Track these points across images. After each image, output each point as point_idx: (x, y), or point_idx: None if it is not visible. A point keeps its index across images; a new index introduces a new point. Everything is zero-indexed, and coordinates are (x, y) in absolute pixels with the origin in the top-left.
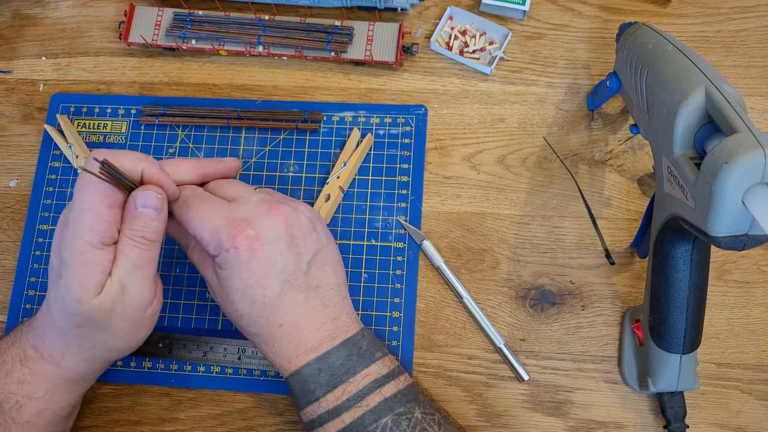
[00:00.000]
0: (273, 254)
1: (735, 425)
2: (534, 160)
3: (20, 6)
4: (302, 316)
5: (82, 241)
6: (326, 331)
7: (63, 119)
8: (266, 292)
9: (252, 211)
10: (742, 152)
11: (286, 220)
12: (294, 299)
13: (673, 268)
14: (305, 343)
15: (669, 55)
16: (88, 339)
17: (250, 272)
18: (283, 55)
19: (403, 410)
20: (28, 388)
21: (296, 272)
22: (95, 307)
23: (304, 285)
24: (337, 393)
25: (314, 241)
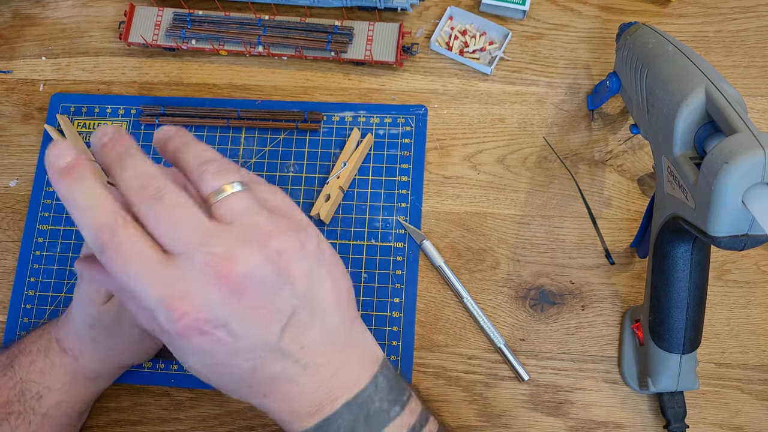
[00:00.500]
0: (229, 337)
1: (735, 425)
2: (534, 160)
3: (20, 6)
4: (287, 384)
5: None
6: (324, 393)
7: (63, 119)
8: (234, 371)
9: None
10: (742, 152)
11: (241, 290)
12: (272, 372)
13: (673, 268)
14: (299, 409)
15: (669, 55)
16: (100, 342)
17: (208, 355)
18: (283, 55)
19: None
20: (48, 379)
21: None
22: (104, 311)
23: (280, 355)
24: None
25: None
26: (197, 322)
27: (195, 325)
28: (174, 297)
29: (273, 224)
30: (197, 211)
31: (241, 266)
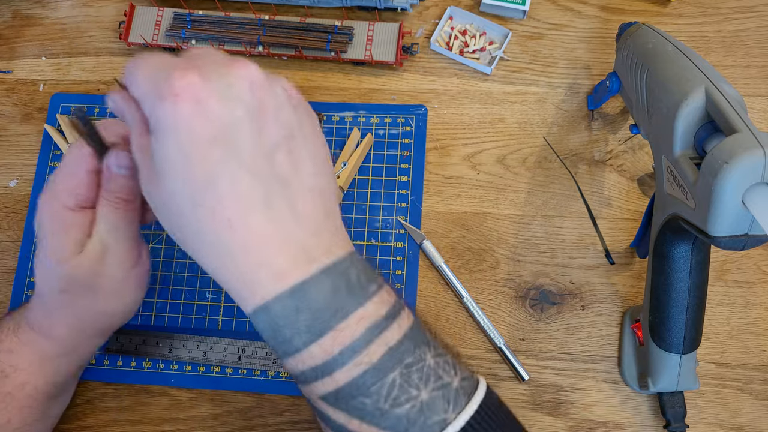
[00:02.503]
0: (224, 115)
1: (735, 425)
2: (534, 160)
3: (20, 6)
4: (262, 218)
5: (60, 204)
6: (299, 249)
7: (63, 119)
8: (211, 168)
9: (208, 60)
10: (742, 152)
11: (253, 80)
12: (248, 187)
13: (673, 268)
14: (270, 261)
15: (669, 55)
16: (71, 305)
17: (191, 134)
18: (283, 55)
19: (412, 360)
20: (15, 358)
21: (255, 149)
22: (77, 265)
23: (265, 172)
24: (325, 344)
25: (287, 119)
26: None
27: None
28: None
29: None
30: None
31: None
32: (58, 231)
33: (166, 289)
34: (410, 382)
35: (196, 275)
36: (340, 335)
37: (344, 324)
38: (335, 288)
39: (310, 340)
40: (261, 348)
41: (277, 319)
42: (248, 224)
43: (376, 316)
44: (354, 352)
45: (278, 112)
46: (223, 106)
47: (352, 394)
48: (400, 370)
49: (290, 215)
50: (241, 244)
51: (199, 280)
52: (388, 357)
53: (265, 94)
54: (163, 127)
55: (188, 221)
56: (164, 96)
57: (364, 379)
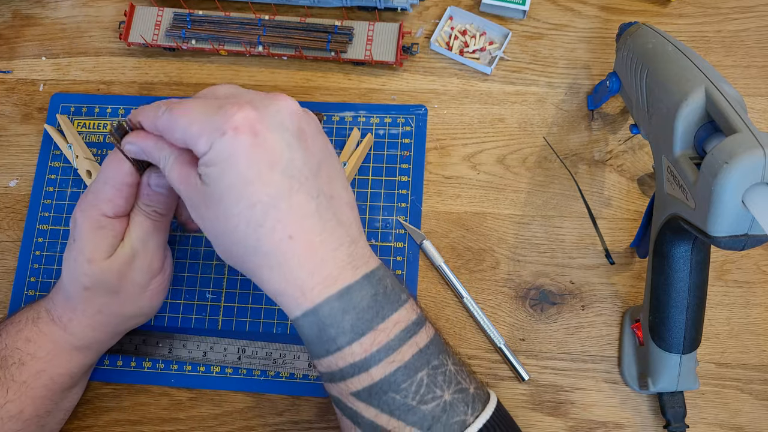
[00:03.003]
0: (278, 143)
1: (735, 425)
2: (534, 160)
3: (20, 6)
4: (316, 230)
5: (98, 211)
6: (345, 257)
7: (63, 119)
8: (271, 190)
9: (252, 96)
10: (742, 152)
11: (292, 110)
12: (305, 204)
13: (673, 268)
14: (322, 268)
15: (669, 55)
16: (93, 303)
17: (251, 163)
18: (283, 55)
19: (438, 363)
20: (33, 347)
21: (305, 170)
22: (106, 268)
23: (315, 189)
24: (366, 343)
25: (323, 144)
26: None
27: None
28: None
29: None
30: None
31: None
32: (93, 234)
33: None
34: (436, 382)
35: (196, 275)
36: (379, 335)
37: (383, 325)
38: (375, 293)
39: (352, 339)
40: (261, 348)
41: (325, 320)
42: (306, 238)
43: (408, 320)
44: (390, 351)
45: (314, 137)
46: (276, 135)
47: (384, 389)
48: (427, 371)
49: (338, 226)
50: (299, 255)
51: (199, 280)
52: (418, 357)
53: (302, 121)
54: (225, 158)
55: (245, 239)
56: (224, 130)
57: (396, 376)
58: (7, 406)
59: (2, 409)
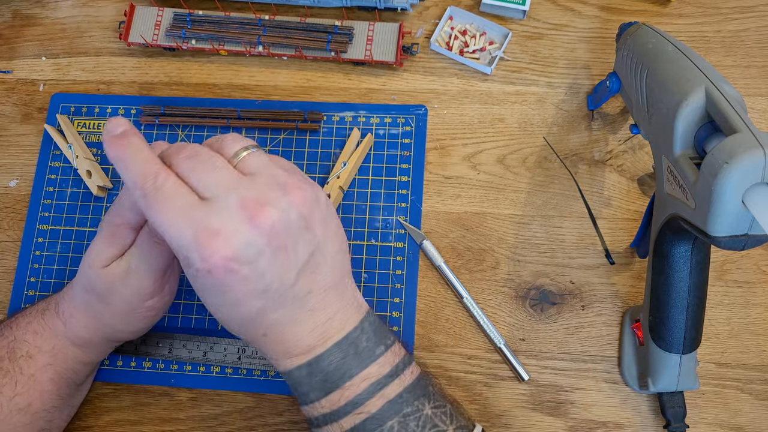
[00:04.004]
0: (253, 275)
1: (735, 425)
2: (534, 160)
3: (20, 6)
4: (288, 326)
5: (119, 216)
6: (317, 335)
7: (63, 119)
8: (245, 311)
9: (227, 219)
10: (742, 152)
11: (271, 230)
12: (278, 314)
13: (673, 268)
14: (292, 349)
15: (669, 55)
16: (91, 306)
17: (226, 294)
18: (283, 55)
19: (411, 410)
20: (39, 339)
21: (281, 288)
22: (100, 276)
23: (290, 299)
24: (333, 398)
25: (307, 243)
26: (226, 259)
27: (223, 263)
28: (207, 234)
29: (289, 177)
30: (228, 164)
31: (271, 208)
32: (105, 239)
33: None
34: (407, 428)
35: None
36: (346, 392)
37: (350, 383)
38: (344, 355)
39: (321, 396)
40: None
41: (296, 380)
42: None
43: (378, 375)
44: (356, 405)
45: (297, 244)
46: (251, 268)
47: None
48: (398, 419)
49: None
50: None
51: None
52: (387, 408)
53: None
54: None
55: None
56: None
57: (365, 425)
58: (16, 399)
59: (11, 402)
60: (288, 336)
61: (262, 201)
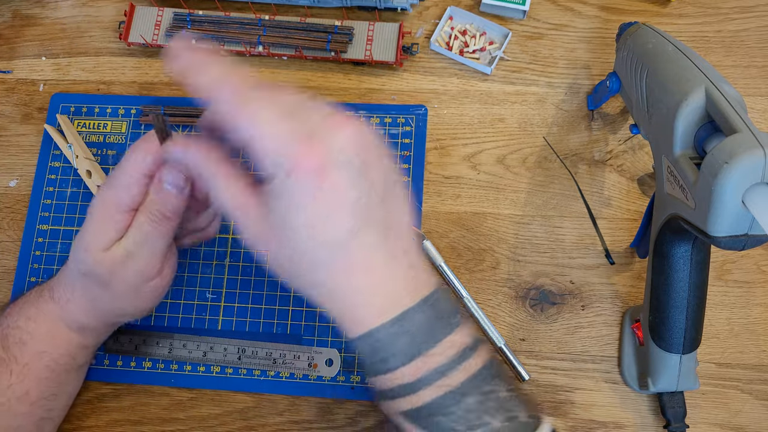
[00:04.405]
0: (345, 182)
1: (735, 425)
2: (534, 160)
3: (20, 6)
4: (377, 262)
5: (114, 198)
6: (402, 284)
7: (63, 119)
8: (336, 231)
9: (317, 127)
10: (742, 152)
11: (357, 140)
12: (368, 241)
13: (673, 268)
14: (379, 298)
15: (669, 55)
16: (89, 290)
17: (318, 205)
18: (283, 55)
19: (489, 388)
20: (32, 325)
21: (370, 206)
22: (99, 261)
23: (379, 222)
24: (416, 366)
25: (387, 171)
26: (317, 160)
27: (314, 165)
28: (299, 137)
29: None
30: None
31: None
32: (99, 222)
33: None
34: (485, 409)
35: (196, 275)
36: (430, 360)
37: (434, 350)
38: (429, 317)
39: (403, 362)
40: (261, 348)
41: (377, 344)
42: (366, 272)
43: (461, 345)
44: (439, 375)
45: (378, 166)
46: (343, 175)
47: (432, 412)
48: (477, 397)
49: (397, 256)
50: (358, 287)
51: (199, 280)
52: (468, 382)
53: (366, 153)
54: (288, 198)
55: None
56: (290, 171)
57: (445, 399)
58: (13, 387)
59: (8, 390)
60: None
61: (344, 118)
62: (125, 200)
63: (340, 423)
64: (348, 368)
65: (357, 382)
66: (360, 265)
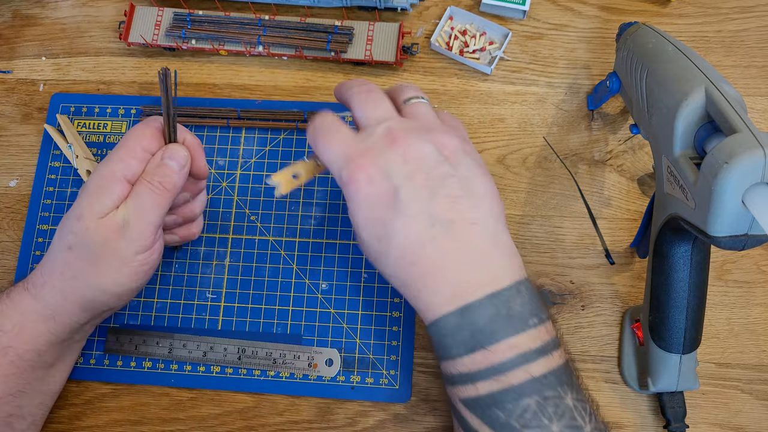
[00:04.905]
0: (390, 188)
1: (735, 425)
2: (534, 160)
3: (20, 6)
4: (435, 255)
5: (108, 170)
6: (467, 277)
7: (63, 119)
8: (389, 227)
9: (373, 143)
10: (742, 152)
11: (405, 154)
12: (420, 233)
13: (673, 268)
14: (443, 288)
15: (669, 55)
16: (72, 266)
17: (370, 207)
18: (283, 55)
19: (552, 394)
20: (0, 319)
21: (417, 202)
22: (92, 228)
23: (428, 217)
24: (476, 359)
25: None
26: (365, 172)
27: (364, 176)
28: (356, 153)
29: (443, 126)
30: (391, 105)
31: (410, 138)
32: (94, 192)
33: (166, 289)
34: (544, 412)
35: (196, 275)
36: (490, 355)
37: (495, 347)
38: (494, 314)
39: (464, 353)
40: (261, 348)
41: (443, 332)
42: (424, 262)
43: (526, 348)
44: (498, 372)
45: (432, 171)
46: (388, 181)
47: (488, 404)
48: (537, 399)
49: (457, 248)
50: (422, 278)
51: (199, 280)
52: (528, 384)
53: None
54: (351, 201)
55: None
56: (345, 182)
57: (501, 395)
58: None
59: None
60: (436, 268)
61: (405, 132)
62: (123, 172)
63: (340, 423)
64: (348, 368)
65: (357, 382)
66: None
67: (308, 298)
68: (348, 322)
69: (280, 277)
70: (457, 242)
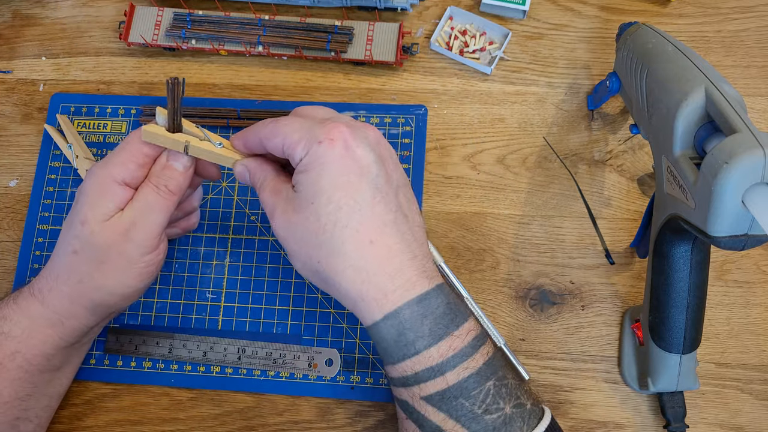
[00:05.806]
0: (366, 158)
1: (735, 425)
2: (534, 160)
3: (20, 6)
4: (395, 238)
5: (107, 174)
6: (420, 266)
7: (63, 119)
8: (357, 196)
9: (344, 120)
10: (742, 152)
11: (378, 138)
12: (385, 213)
13: (673, 268)
14: (401, 273)
15: (669, 55)
16: (77, 270)
17: (342, 170)
18: (283, 55)
19: (501, 374)
20: (8, 324)
21: (387, 186)
22: (98, 231)
23: (394, 204)
24: (443, 347)
25: (401, 173)
26: (344, 133)
27: (342, 136)
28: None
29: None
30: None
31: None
32: (95, 196)
33: (166, 289)
34: (500, 394)
35: (196, 275)
36: (455, 341)
37: (458, 332)
38: (449, 301)
39: (430, 344)
40: (261, 348)
41: (405, 323)
42: (385, 243)
43: (477, 330)
44: (464, 357)
45: (395, 165)
46: (364, 151)
47: (456, 395)
48: (494, 381)
49: (412, 240)
50: (380, 258)
51: (199, 280)
52: (487, 366)
53: (383, 148)
54: (320, 162)
55: (330, 239)
56: (321, 140)
57: (468, 382)
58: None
59: None
60: (395, 252)
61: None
62: (122, 175)
63: (340, 423)
64: (348, 368)
65: (357, 382)
66: (376, 234)
67: (308, 298)
68: (348, 322)
69: (280, 277)
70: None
